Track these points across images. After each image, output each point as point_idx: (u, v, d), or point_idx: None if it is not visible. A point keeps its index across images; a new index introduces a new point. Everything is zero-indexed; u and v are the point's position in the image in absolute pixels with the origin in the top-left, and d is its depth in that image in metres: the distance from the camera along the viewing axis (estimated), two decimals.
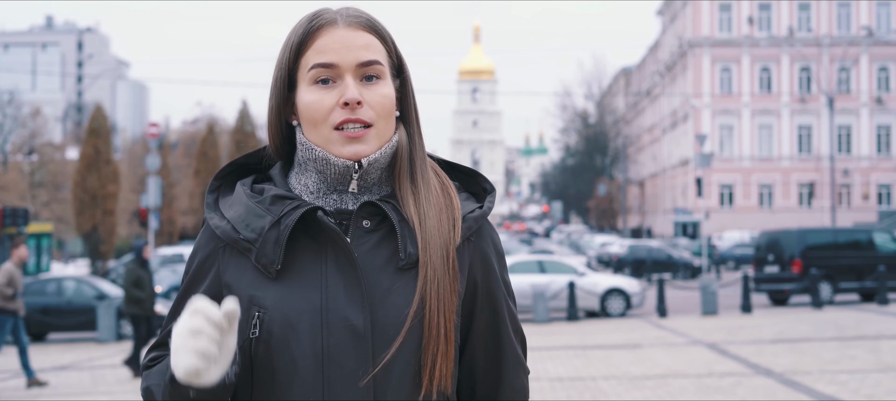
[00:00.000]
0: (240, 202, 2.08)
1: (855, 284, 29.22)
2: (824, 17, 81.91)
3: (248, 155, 2.20)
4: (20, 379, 17.46)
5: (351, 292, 1.98)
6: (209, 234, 2.10)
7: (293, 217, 2.00)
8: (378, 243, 2.02)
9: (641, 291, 28.65)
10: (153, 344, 2.15)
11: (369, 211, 2.05)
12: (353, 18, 2.06)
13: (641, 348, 18.78)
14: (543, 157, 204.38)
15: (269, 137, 2.12)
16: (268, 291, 2.00)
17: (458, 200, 2.10)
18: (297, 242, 2.02)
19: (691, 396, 12.48)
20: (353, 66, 2.02)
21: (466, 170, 2.21)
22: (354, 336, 1.96)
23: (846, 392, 12.27)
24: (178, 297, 2.12)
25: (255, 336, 1.99)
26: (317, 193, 2.08)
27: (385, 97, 2.04)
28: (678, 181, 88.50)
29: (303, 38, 2.05)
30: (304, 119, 2.05)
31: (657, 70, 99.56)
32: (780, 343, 18.58)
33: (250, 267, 2.03)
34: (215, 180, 2.16)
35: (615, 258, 53.26)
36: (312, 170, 2.07)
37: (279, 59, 2.09)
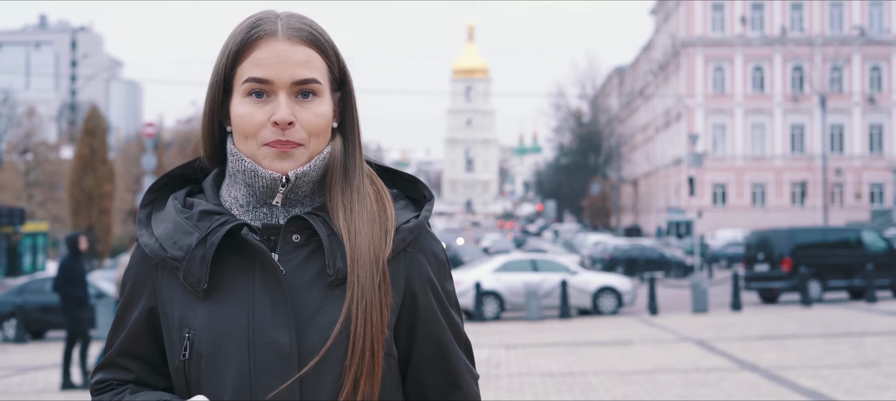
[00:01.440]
0: (169, 218, 2.02)
1: (844, 283, 29.65)
2: (817, 17, 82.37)
3: (184, 165, 2.14)
4: (22, 376, 17.83)
5: (277, 312, 1.92)
6: (141, 252, 2.05)
7: (219, 235, 1.95)
8: (307, 259, 1.97)
9: (633, 290, 29.05)
10: (101, 364, 2.08)
11: (298, 225, 1.99)
12: (293, 31, 1.99)
13: (631, 344, 19.16)
14: (537, 156, 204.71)
15: (202, 141, 2.08)
16: (196, 312, 1.95)
17: (392, 209, 2.04)
18: (225, 260, 1.97)
19: (678, 390, 12.87)
20: (287, 83, 1.95)
21: (407, 177, 2.15)
22: (280, 356, 1.91)
23: (827, 386, 12.66)
24: (116, 315, 2.08)
25: (186, 358, 1.95)
26: (246, 206, 2.02)
27: (319, 116, 1.98)
28: (671, 180, 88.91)
29: (241, 46, 1.98)
30: (235, 130, 2.00)
31: (651, 69, 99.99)
32: (766, 340, 18.98)
33: (180, 286, 1.98)
34: (148, 194, 2.10)
35: (608, 257, 53.68)
36: (241, 182, 2.01)
37: (216, 63, 2.02)
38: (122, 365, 2.05)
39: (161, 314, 2.01)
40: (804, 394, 12.19)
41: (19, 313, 25.94)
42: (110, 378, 2.06)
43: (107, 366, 2.07)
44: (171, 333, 1.99)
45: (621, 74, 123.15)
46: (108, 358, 2.06)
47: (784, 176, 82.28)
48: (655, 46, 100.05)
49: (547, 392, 13.19)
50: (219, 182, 2.09)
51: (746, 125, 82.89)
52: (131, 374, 2.05)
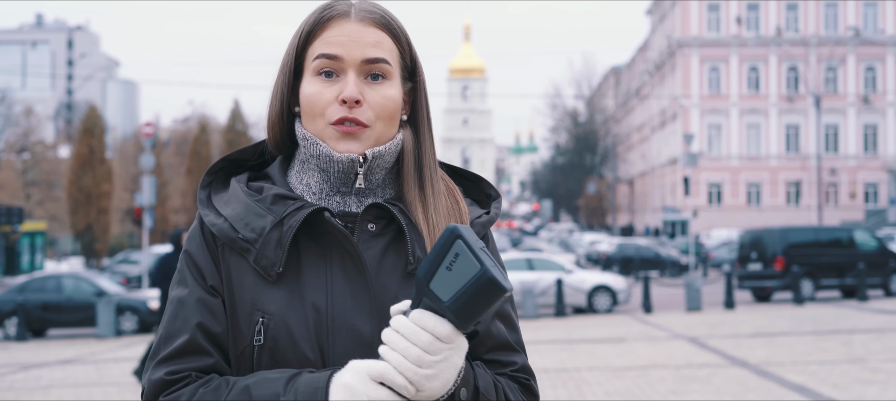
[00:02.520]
0: (238, 200, 1.99)
1: (836, 281, 29.99)
2: (812, 17, 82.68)
3: (242, 150, 2.11)
4: (26, 373, 18.13)
5: (358, 298, 1.91)
6: (204, 231, 2.00)
7: (298, 218, 1.92)
8: (385, 248, 1.96)
9: (627, 288, 29.37)
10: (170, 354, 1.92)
11: (375, 213, 1.98)
12: (366, 13, 2.00)
13: (625, 341, 19.50)
14: (534, 155, 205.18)
15: (269, 126, 2.06)
16: (271, 296, 1.91)
17: (465, 205, 2.05)
18: (299, 245, 1.94)
19: (669, 385, 13.21)
20: (357, 61, 1.96)
21: (469, 175, 2.16)
22: (361, 345, 1.88)
23: (815, 382, 13.00)
24: (177, 299, 1.97)
25: (260, 343, 1.90)
26: (319, 193, 2.00)
27: (387, 99, 1.97)
28: (667, 180, 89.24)
29: (313, 27, 1.99)
30: (304, 110, 1.99)
31: (646, 69, 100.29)
32: (758, 337, 19.31)
33: (250, 269, 1.93)
34: (207, 176, 2.07)
35: (604, 256, 53.99)
36: (315, 168, 2.00)
37: (289, 46, 2.03)
38: (202, 349, 1.92)
39: (226, 297, 1.95)
40: (791, 389, 12.52)
41: (21, 312, 26.23)
42: (187, 368, 1.91)
43: (181, 355, 1.91)
44: (237, 317, 1.93)
45: (617, 74, 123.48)
46: (184, 345, 1.91)
47: (779, 176, 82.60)
48: (651, 46, 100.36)
49: (542, 387, 13.51)
50: (285, 169, 2.07)
51: (742, 125, 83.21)
52: (212, 358, 1.92)
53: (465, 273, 1.71)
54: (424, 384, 1.75)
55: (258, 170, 2.11)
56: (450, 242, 1.72)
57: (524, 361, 2.04)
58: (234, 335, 1.94)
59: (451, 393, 1.80)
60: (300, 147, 2.02)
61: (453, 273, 1.72)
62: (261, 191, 2.00)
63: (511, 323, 2.04)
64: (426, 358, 1.75)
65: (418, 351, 1.74)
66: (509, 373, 2.00)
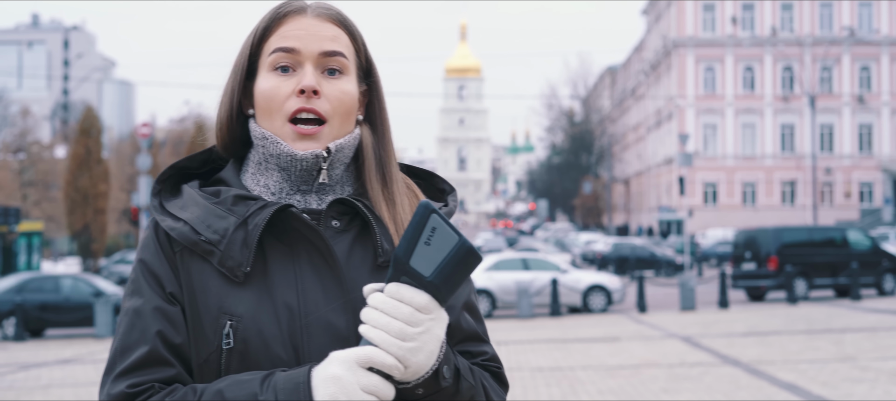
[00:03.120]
0: (195, 203, 1.94)
1: (829, 281, 30.20)
2: (807, 17, 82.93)
3: (190, 158, 2.07)
4: (26, 373, 18.30)
5: (330, 293, 1.88)
6: (160, 238, 1.94)
7: (263, 216, 1.89)
8: (352, 243, 1.94)
9: (622, 288, 29.55)
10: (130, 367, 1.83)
11: (338, 209, 1.96)
12: (322, 10, 2.00)
13: (619, 340, 19.68)
14: (530, 155, 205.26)
15: (218, 130, 2.02)
16: (238, 298, 1.87)
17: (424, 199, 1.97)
18: (264, 245, 1.91)
19: (661, 383, 13.40)
20: (315, 54, 1.94)
21: (422, 173, 2.15)
22: (337, 339, 1.86)
23: (805, 380, 13.20)
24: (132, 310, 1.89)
25: (230, 347, 1.85)
26: (278, 193, 1.97)
27: (344, 93, 1.96)
28: (663, 179, 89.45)
29: (268, 24, 1.98)
30: (260, 107, 1.96)
31: (642, 69, 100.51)
32: (750, 336, 19.50)
33: (214, 272, 1.89)
34: (157, 184, 2.01)
35: (599, 256, 54.20)
36: (274, 168, 1.97)
37: (243, 45, 2.01)
38: (163, 360, 1.85)
39: (188, 303, 1.89)
40: (782, 387, 12.72)
41: (19, 312, 26.38)
42: (149, 380, 1.83)
43: (141, 367, 1.83)
44: (202, 323, 1.87)
45: (613, 74, 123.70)
46: (144, 357, 1.84)
47: (774, 175, 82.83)
48: (647, 46, 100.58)
49: (535, 386, 13.70)
50: (237, 172, 2.04)
51: (737, 125, 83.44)
52: (174, 369, 1.86)
53: (445, 245, 1.72)
54: (410, 358, 1.73)
55: (205, 178, 2.06)
56: (425, 218, 1.72)
57: (493, 350, 2.05)
58: (198, 342, 1.88)
59: (434, 369, 1.78)
60: (257, 147, 1.99)
61: (432, 247, 1.72)
62: (217, 194, 1.96)
63: (477, 315, 2.04)
64: (408, 331, 1.73)
65: (400, 324, 1.73)
66: (480, 362, 2.00)
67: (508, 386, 2.03)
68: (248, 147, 2.04)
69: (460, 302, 1.98)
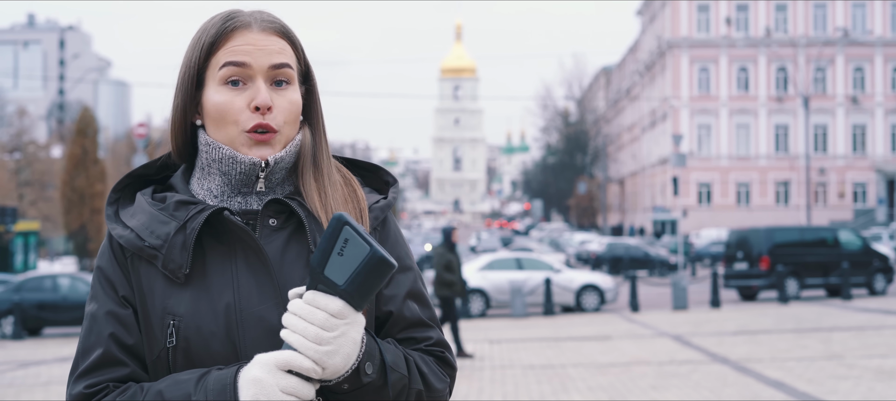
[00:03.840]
0: (142, 211, 2.06)
1: (820, 281, 30.46)
2: (801, 18, 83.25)
3: (146, 165, 2.18)
4: (25, 370, 18.57)
5: (263, 290, 1.98)
6: (113, 245, 2.07)
7: (199, 220, 2.00)
8: (286, 240, 2.04)
9: (615, 287, 29.82)
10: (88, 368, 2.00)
11: (275, 209, 2.06)
12: (267, 23, 2.07)
13: (611, 339, 19.94)
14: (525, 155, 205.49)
15: (172, 137, 2.11)
16: (179, 298, 1.99)
17: (361, 192, 2.15)
18: (204, 246, 2.02)
19: (650, 380, 13.67)
20: (264, 68, 2.03)
21: (368, 166, 2.26)
22: (271, 333, 1.95)
23: (791, 377, 13.47)
24: (91, 314, 2.05)
25: (173, 345, 1.97)
26: (220, 196, 2.07)
27: (293, 103, 2.05)
28: (657, 180, 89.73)
29: (216, 38, 2.04)
30: (211, 119, 2.05)
31: (637, 70, 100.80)
32: (740, 335, 19.78)
33: (159, 275, 2.01)
34: (113, 193, 2.13)
35: (593, 256, 54.46)
36: (216, 172, 2.07)
37: (187, 57, 2.07)
38: (117, 361, 2.01)
39: (139, 305, 2.03)
40: (768, 384, 12.99)
41: (17, 310, 26.62)
42: (104, 380, 1.99)
43: (97, 368, 2.00)
44: (150, 323, 2.01)
45: (608, 74, 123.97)
46: (99, 359, 2.00)
47: (768, 176, 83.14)
48: (641, 47, 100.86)
49: (527, 383, 13.96)
50: (187, 177, 2.14)
51: (731, 125, 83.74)
52: (128, 368, 2.01)
53: (356, 256, 1.82)
54: (326, 361, 1.84)
55: (162, 183, 2.18)
56: (338, 230, 1.83)
57: (439, 335, 2.13)
58: (149, 341, 2.01)
59: (354, 368, 1.89)
60: (201, 153, 2.09)
61: (345, 258, 1.83)
62: (164, 200, 2.07)
63: (423, 301, 2.13)
64: (324, 335, 1.84)
65: (315, 329, 1.83)
66: (424, 347, 2.09)
67: (455, 368, 2.13)
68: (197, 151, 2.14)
69: (403, 291, 2.10)
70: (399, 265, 2.07)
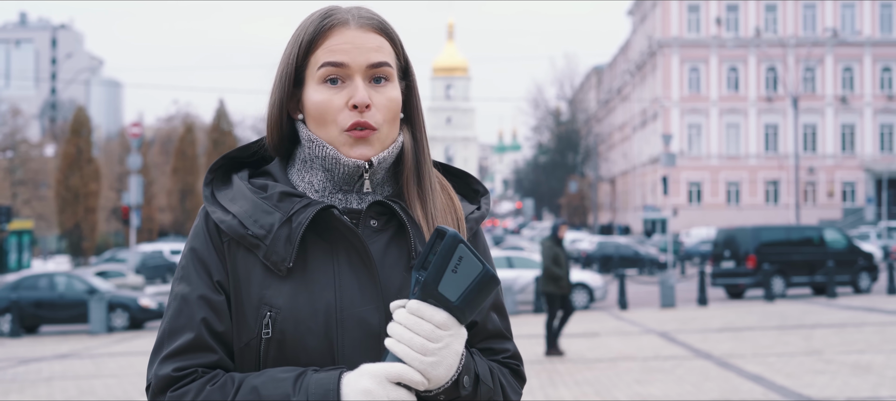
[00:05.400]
0: (244, 197, 2.05)
1: (806, 279, 30.91)
2: (790, 18, 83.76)
3: (242, 148, 2.17)
4: (26, 366, 18.98)
5: (365, 291, 1.98)
6: (209, 228, 2.05)
7: (307, 215, 1.99)
8: (387, 243, 2.03)
9: (604, 286, 30.28)
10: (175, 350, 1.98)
11: (377, 210, 2.05)
12: (365, 19, 2.06)
13: (599, 336, 20.41)
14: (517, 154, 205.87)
15: (269, 131, 2.11)
16: (279, 290, 1.97)
17: (458, 200, 2.14)
18: (306, 241, 2.00)
19: (635, 375, 14.14)
20: (363, 67, 2.02)
21: (456, 171, 2.24)
22: (370, 335, 1.96)
23: (770, 371, 13.95)
24: (181, 295, 2.03)
25: (268, 336, 1.96)
26: (322, 191, 2.07)
27: (392, 101, 2.04)
28: (648, 179, 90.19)
29: (314, 36, 2.04)
30: (312, 117, 2.05)
31: (628, 69, 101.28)
32: (725, 332, 20.26)
33: (258, 264, 1.99)
34: (209, 173, 2.12)
35: (584, 254, 54.91)
36: (319, 168, 2.07)
37: (287, 54, 2.08)
38: (207, 346, 1.99)
39: (232, 291, 2.02)
40: (748, 378, 13.46)
41: (14, 308, 27.03)
42: (193, 364, 1.98)
43: (186, 351, 1.98)
44: (244, 311, 2.00)
45: (599, 74, 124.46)
46: (189, 342, 1.99)
47: (758, 175, 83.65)
48: (632, 47, 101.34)
49: None
50: (284, 168, 2.14)
51: (721, 125, 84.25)
52: (216, 355, 2.00)
53: (470, 274, 1.86)
54: (430, 371, 1.86)
55: (255, 167, 2.17)
56: (453, 248, 1.85)
57: (514, 347, 2.15)
58: (240, 328, 2.01)
59: (454, 379, 1.90)
60: (304, 147, 2.09)
61: (458, 275, 1.85)
62: (265, 188, 2.06)
63: (503, 312, 2.15)
64: (429, 346, 1.85)
65: (422, 340, 1.85)
66: (501, 359, 2.11)
67: (525, 380, 2.18)
68: (294, 145, 2.15)
69: (488, 303, 2.12)
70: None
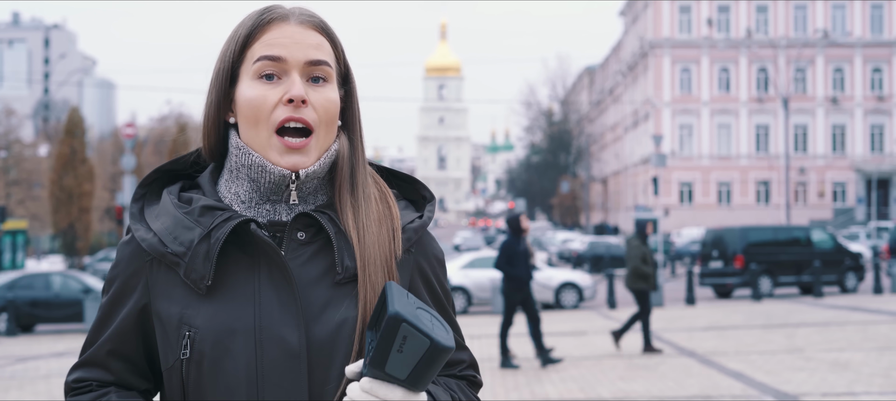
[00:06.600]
0: (167, 213, 1.96)
1: (793, 279, 31.32)
2: (781, 19, 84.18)
3: (176, 160, 2.08)
4: (24, 365, 19.32)
5: (285, 309, 1.88)
6: (133, 247, 1.97)
7: (224, 230, 1.89)
8: (313, 256, 1.93)
9: (593, 285, 30.66)
10: (82, 362, 2.01)
11: (304, 223, 1.95)
12: (306, 17, 1.98)
13: (586, 335, 20.79)
14: (509, 153, 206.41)
15: (204, 135, 2.01)
16: (198, 309, 1.89)
17: (397, 209, 2.02)
18: (228, 256, 1.91)
19: (619, 372, 14.52)
20: (301, 63, 1.93)
21: (405, 177, 2.13)
22: (289, 355, 1.86)
23: (751, 369, 14.33)
24: (102, 312, 2.00)
25: (186, 357, 1.89)
26: (248, 202, 1.97)
27: (330, 101, 1.95)
28: (639, 179, 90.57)
29: (251, 31, 1.96)
30: (244, 116, 1.95)
31: (620, 70, 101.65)
32: (710, 330, 20.65)
33: (179, 282, 1.92)
34: (140, 188, 2.04)
35: (575, 254, 55.29)
36: (245, 177, 1.96)
37: (223, 51, 1.99)
38: (105, 365, 1.98)
39: (154, 312, 1.95)
40: (728, 375, 13.84)
41: (10, 308, 27.36)
42: (90, 378, 1.99)
43: (88, 364, 1.99)
44: (166, 331, 1.93)
45: (591, 74, 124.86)
46: (91, 356, 1.99)
47: (749, 175, 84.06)
48: (624, 47, 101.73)
49: (502, 376, 14.80)
50: (216, 178, 2.04)
51: (712, 125, 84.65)
52: (112, 375, 1.99)
53: (417, 351, 1.75)
54: None
55: (192, 179, 2.08)
56: (395, 329, 1.74)
57: (469, 356, 2.09)
58: (165, 349, 1.94)
59: None
60: (231, 155, 1.99)
61: (405, 354, 1.75)
62: (190, 202, 1.97)
63: (453, 321, 2.06)
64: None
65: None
66: (458, 373, 2.05)
67: (481, 385, 2.12)
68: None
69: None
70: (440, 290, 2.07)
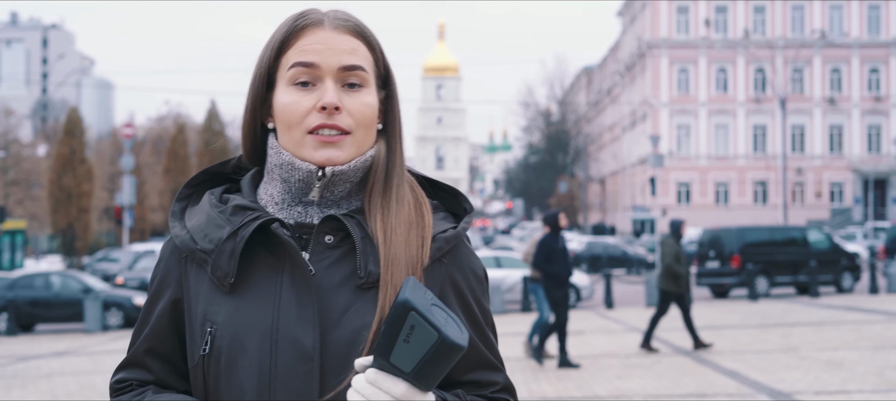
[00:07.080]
0: (202, 212, 1.99)
1: (789, 279, 31.45)
2: (778, 20, 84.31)
3: (222, 163, 2.10)
4: (25, 364, 19.46)
5: (303, 311, 1.87)
6: (172, 245, 2.01)
7: (249, 229, 1.90)
8: (338, 260, 1.92)
9: (591, 285, 30.81)
10: (124, 362, 2.04)
11: (332, 226, 1.94)
12: (340, 21, 1.96)
13: (583, 334, 20.91)
14: (507, 154, 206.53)
15: (243, 139, 2.03)
16: (220, 306, 1.91)
17: (430, 218, 1.97)
18: (255, 256, 1.92)
19: (616, 371, 14.68)
20: (334, 69, 1.92)
21: (447, 188, 2.07)
22: (303, 358, 1.85)
23: (746, 367, 14.50)
24: (143, 311, 2.04)
25: (206, 353, 1.91)
26: (281, 203, 1.97)
27: (366, 106, 1.93)
28: (637, 179, 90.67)
29: (285, 37, 1.95)
30: (279, 121, 1.94)
31: (617, 70, 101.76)
32: (706, 330, 20.72)
33: (207, 280, 1.94)
34: (186, 188, 2.07)
35: (573, 254, 55.44)
36: (278, 178, 1.97)
37: (260, 57, 1.98)
38: (144, 364, 2.01)
39: (185, 307, 1.98)
40: (723, 373, 14.01)
41: (10, 307, 27.51)
42: (130, 378, 2.01)
43: (129, 365, 2.02)
44: (193, 327, 1.96)
45: (589, 74, 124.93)
46: (132, 356, 2.03)
47: (747, 175, 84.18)
48: (622, 47, 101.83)
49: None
50: (257, 181, 2.05)
51: (710, 125, 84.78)
52: (152, 375, 2.01)
53: (424, 343, 1.70)
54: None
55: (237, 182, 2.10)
56: (403, 316, 1.70)
57: (505, 379, 1.99)
58: (192, 346, 1.96)
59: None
60: (268, 157, 2.00)
61: (411, 344, 1.70)
62: (227, 202, 1.99)
63: (488, 339, 1.99)
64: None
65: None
66: (489, 394, 1.96)
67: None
68: None
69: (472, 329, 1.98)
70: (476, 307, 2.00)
